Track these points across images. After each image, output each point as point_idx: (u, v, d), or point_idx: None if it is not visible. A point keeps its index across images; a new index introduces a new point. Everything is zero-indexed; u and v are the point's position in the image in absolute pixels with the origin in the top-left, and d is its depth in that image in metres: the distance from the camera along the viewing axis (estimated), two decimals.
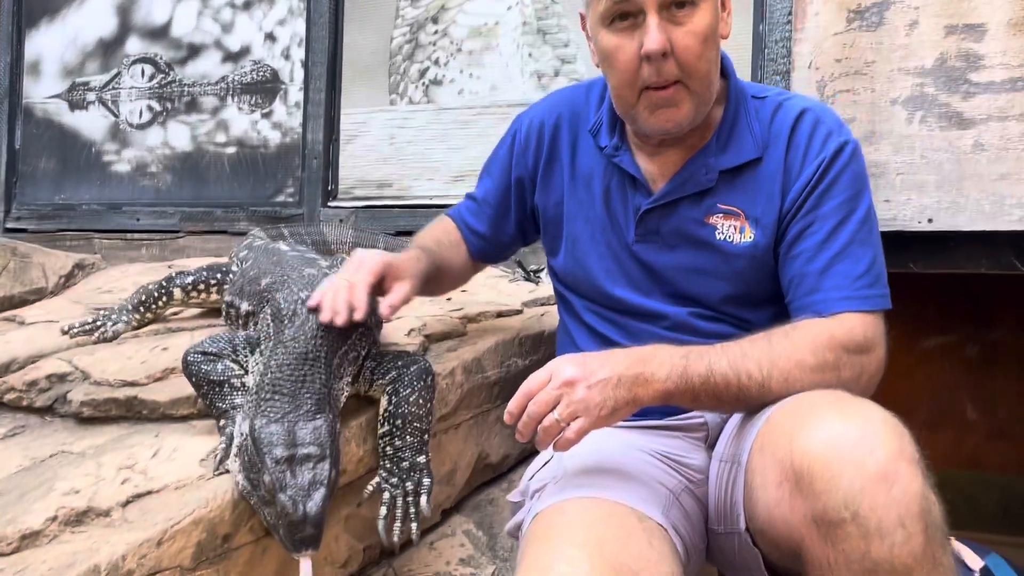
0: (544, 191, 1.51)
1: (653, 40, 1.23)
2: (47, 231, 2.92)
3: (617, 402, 1.17)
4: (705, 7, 1.25)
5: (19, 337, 1.82)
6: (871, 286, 1.27)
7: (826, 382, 1.21)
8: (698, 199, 1.36)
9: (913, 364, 3.11)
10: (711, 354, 1.22)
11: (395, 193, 2.48)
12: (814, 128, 1.34)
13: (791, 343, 1.22)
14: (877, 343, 1.26)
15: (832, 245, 1.29)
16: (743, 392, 1.21)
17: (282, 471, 1.12)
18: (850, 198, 1.31)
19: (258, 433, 1.15)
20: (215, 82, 2.73)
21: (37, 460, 1.33)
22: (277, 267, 1.51)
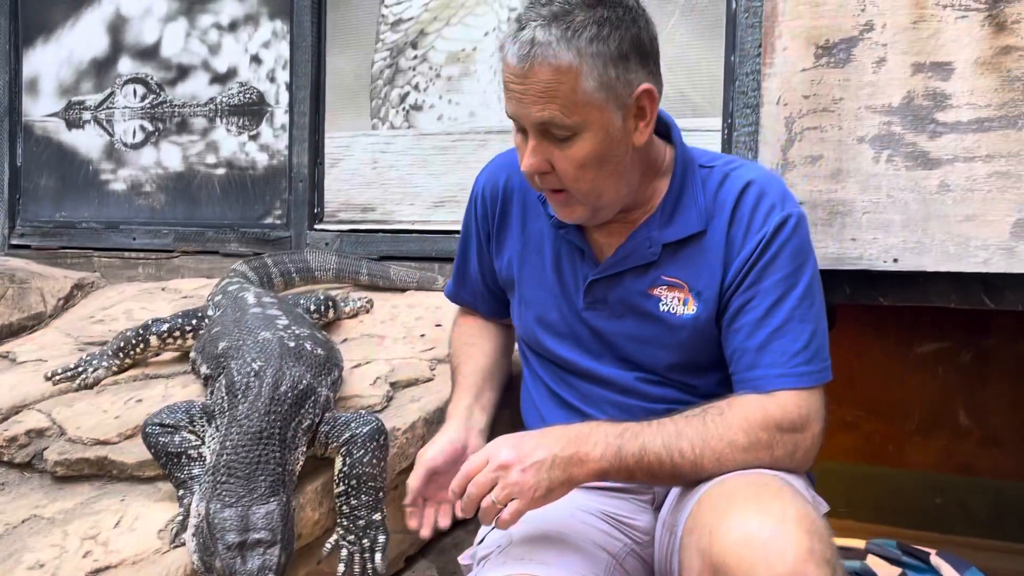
0: (499, 253, 1.54)
1: (524, 162, 1.28)
2: (49, 248, 3.00)
3: (552, 483, 1.21)
4: (587, 137, 1.25)
5: (6, 382, 1.89)
6: (808, 362, 1.29)
7: (758, 461, 1.24)
8: (643, 271, 1.38)
9: (906, 370, 3.11)
10: (646, 433, 1.25)
11: (378, 217, 2.52)
12: (758, 201, 1.34)
13: (724, 423, 1.25)
14: (812, 420, 1.28)
15: (770, 322, 1.30)
16: (676, 470, 1.24)
17: (232, 557, 1.17)
18: (791, 273, 1.32)
19: (212, 518, 1.20)
20: (204, 103, 2.77)
21: (10, 527, 1.40)
22: (236, 328, 1.55)
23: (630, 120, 1.27)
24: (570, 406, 1.45)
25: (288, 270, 2.27)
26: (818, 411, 1.29)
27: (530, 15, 1.22)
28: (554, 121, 1.23)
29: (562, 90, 1.21)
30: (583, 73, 1.20)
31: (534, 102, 1.22)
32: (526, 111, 1.24)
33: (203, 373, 1.54)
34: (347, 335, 2.04)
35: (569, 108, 1.22)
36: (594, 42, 1.20)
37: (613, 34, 1.21)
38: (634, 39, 1.24)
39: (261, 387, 1.34)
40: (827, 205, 1.90)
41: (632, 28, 1.23)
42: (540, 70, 1.20)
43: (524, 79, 1.22)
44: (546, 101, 1.21)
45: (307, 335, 1.55)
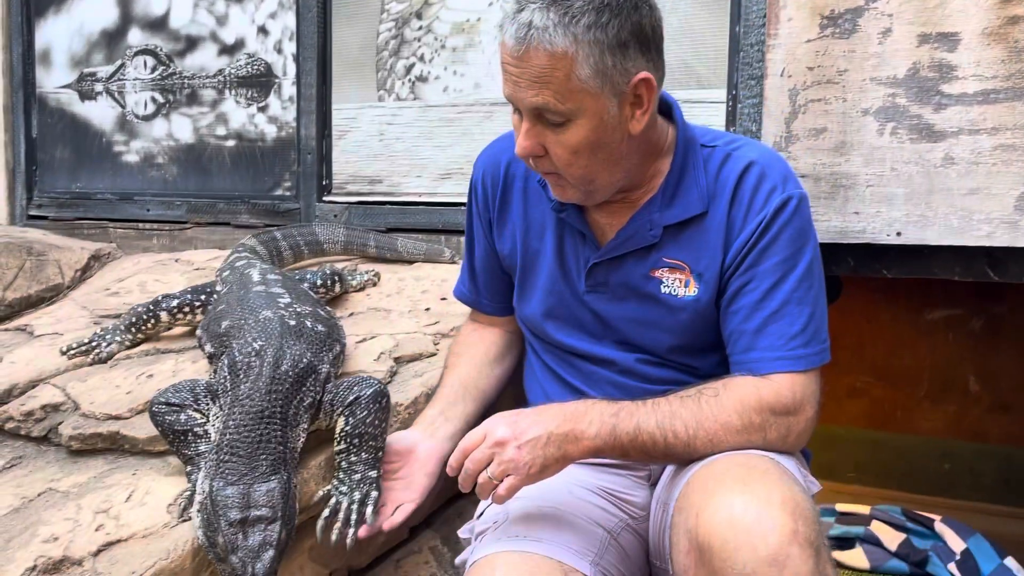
0: (500, 238, 1.55)
1: (518, 145, 1.28)
2: (66, 219, 3.04)
3: (547, 460, 1.24)
4: (581, 123, 1.24)
5: (23, 356, 1.94)
6: (806, 345, 1.30)
7: (751, 443, 1.26)
8: (644, 253, 1.39)
9: (916, 337, 3.11)
10: (641, 412, 1.27)
11: (386, 189, 2.53)
12: (759, 182, 1.34)
13: (719, 404, 1.27)
14: (806, 403, 1.29)
15: (768, 304, 1.31)
16: (670, 449, 1.27)
17: (234, 533, 1.21)
18: (790, 256, 1.32)
19: (215, 495, 1.24)
20: (213, 75, 2.78)
21: (26, 500, 1.45)
22: (239, 307, 1.58)
23: (626, 108, 1.27)
24: (571, 386, 1.48)
25: (297, 243, 2.30)
26: (813, 394, 1.30)
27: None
28: (548, 107, 1.23)
29: (557, 76, 1.20)
30: (579, 60, 1.20)
31: (529, 86, 1.22)
32: (521, 94, 1.24)
33: (207, 352, 1.58)
34: (354, 309, 2.08)
35: (563, 95, 1.22)
36: (592, 29, 1.19)
37: (612, 21, 1.20)
38: (635, 27, 1.22)
39: (262, 367, 1.37)
40: (830, 178, 1.89)
41: (633, 15, 1.22)
42: (535, 55, 1.20)
43: (519, 62, 1.22)
44: (540, 86, 1.21)
45: (309, 312, 1.58)
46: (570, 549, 1.29)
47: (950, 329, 3.07)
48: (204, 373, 1.68)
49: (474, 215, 1.59)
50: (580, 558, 1.28)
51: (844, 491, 3.11)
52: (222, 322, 1.55)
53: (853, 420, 3.21)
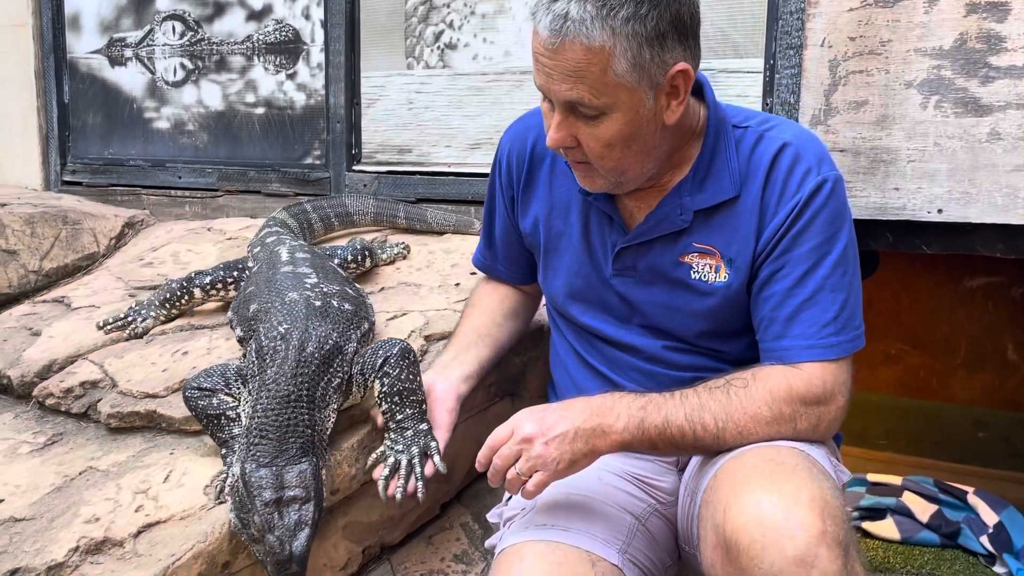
0: (524, 215, 1.53)
1: (549, 137, 1.25)
2: (100, 185, 3.07)
3: (575, 455, 1.24)
4: (616, 117, 1.21)
5: (62, 331, 1.98)
6: (838, 333, 1.28)
7: (780, 434, 1.25)
8: (674, 238, 1.37)
9: (955, 304, 3.05)
10: (669, 405, 1.26)
11: (415, 159, 2.51)
12: (793, 165, 1.31)
13: (748, 395, 1.25)
14: (837, 392, 1.28)
15: (801, 291, 1.29)
16: (699, 442, 1.26)
17: (270, 513, 1.24)
18: (824, 241, 1.29)
19: (248, 477, 1.26)
20: (241, 41, 2.76)
21: (68, 479, 1.49)
22: (266, 289, 1.59)
23: (662, 99, 1.23)
24: (598, 372, 1.47)
25: (327, 215, 2.30)
26: (844, 383, 1.29)
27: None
28: (582, 101, 1.20)
29: (593, 71, 1.17)
30: (616, 54, 1.16)
31: (563, 80, 1.19)
32: (554, 87, 1.21)
33: (237, 335, 1.59)
34: (384, 283, 2.08)
35: (598, 90, 1.19)
36: (630, 22, 1.15)
37: (652, 12, 1.16)
38: (674, 16, 1.18)
39: (287, 350, 1.38)
40: (870, 153, 1.84)
41: (673, 5, 1.17)
42: (571, 48, 1.16)
43: (554, 55, 1.18)
44: (575, 80, 1.18)
45: (336, 291, 1.58)
46: (597, 538, 1.30)
47: (989, 297, 3.01)
48: (237, 351, 1.69)
49: (496, 189, 1.58)
50: (608, 547, 1.29)
51: (875, 458, 3.09)
52: (250, 305, 1.56)
53: (887, 387, 3.18)
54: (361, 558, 1.57)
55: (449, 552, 1.65)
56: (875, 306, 3.14)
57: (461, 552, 1.65)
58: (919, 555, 2.38)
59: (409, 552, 1.64)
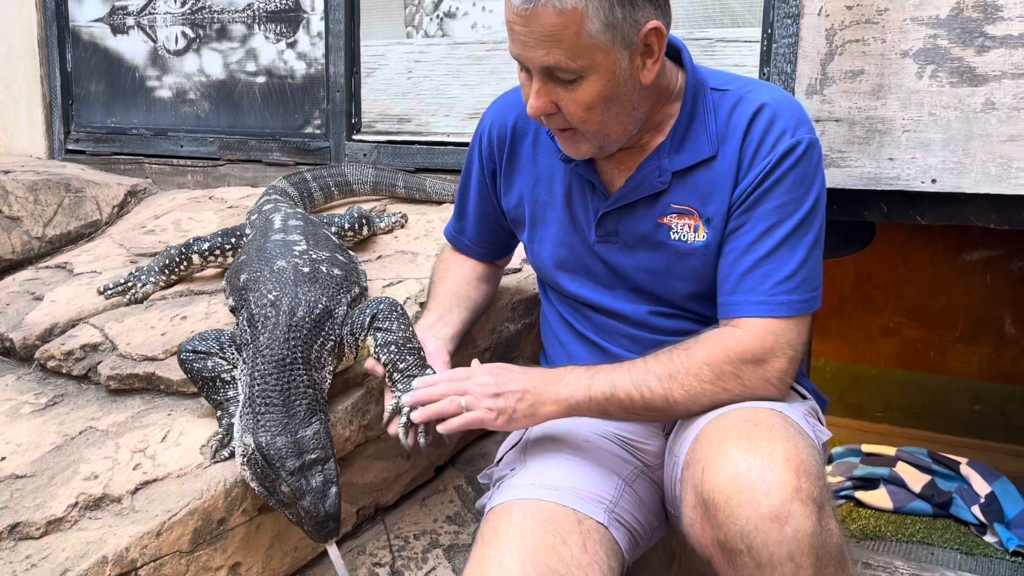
0: (508, 191, 1.55)
1: (529, 105, 1.27)
2: (103, 154, 3.09)
3: (516, 412, 1.30)
4: (593, 79, 1.23)
5: (63, 295, 2.00)
6: (791, 291, 1.30)
7: (728, 390, 1.29)
8: (653, 200, 1.39)
9: (953, 277, 3.06)
10: (616, 372, 1.31)
11: (414, 128, 2.52)
12: (769, 125, 1.32)
13: (689, 357, 1.29)
14: (778, 350, 1.29)
15: (759, 248, 1.31)
16: (649, 404, 1.30)
17: (298, 480, 1.27)
18: (790, 201, 1.31)
19: (267, 449, 1.28)
20: (242, 9, 2.76)
21: (68, 437, 1.52)
22: (257, 258, 1.60)
23: (637, 59, 1.25)
24: (587, 339, 1.49)
25: (327, 184, 2.31)
26: (789, 342, 1.30)
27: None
28: (558, 66, 1.22)
29: (567, 35, 1.19)
30: (588, 15, 1.18)
31: (538, 46, 1.21)
32: (530, 54, 1.23)
33: (229, 304, 1.61)
34: (382, 251, 2.10)
35: (574, 52, 1.20)
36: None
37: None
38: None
39: (278, 316, 1.40)
40: (866, 123, 1.84)
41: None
42: (544, 13, 1.18)
43: (528, 21, 1.20)
44: (551, 45, 1.20)
45: (325, 257, 1.60)
46: (584, 497, 1.32)
47: (988, 270, 3.02)
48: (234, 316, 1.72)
49: (475, 163, 1.59)
50: (595, 505, 1.32)
51: (872, 430, 3.12)
52: (241, 275, 1.58)
53: (885, 360, 3.20)
54: (355, 518, 1.60)
55: (442, 513, 1.68)
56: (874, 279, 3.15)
57: (454, 514, 1.68)
58: (911, 524, 2.42)
59: (403, 513, 1.67)
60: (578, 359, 1.52)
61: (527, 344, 1.92)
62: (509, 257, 1.75)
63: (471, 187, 1.62)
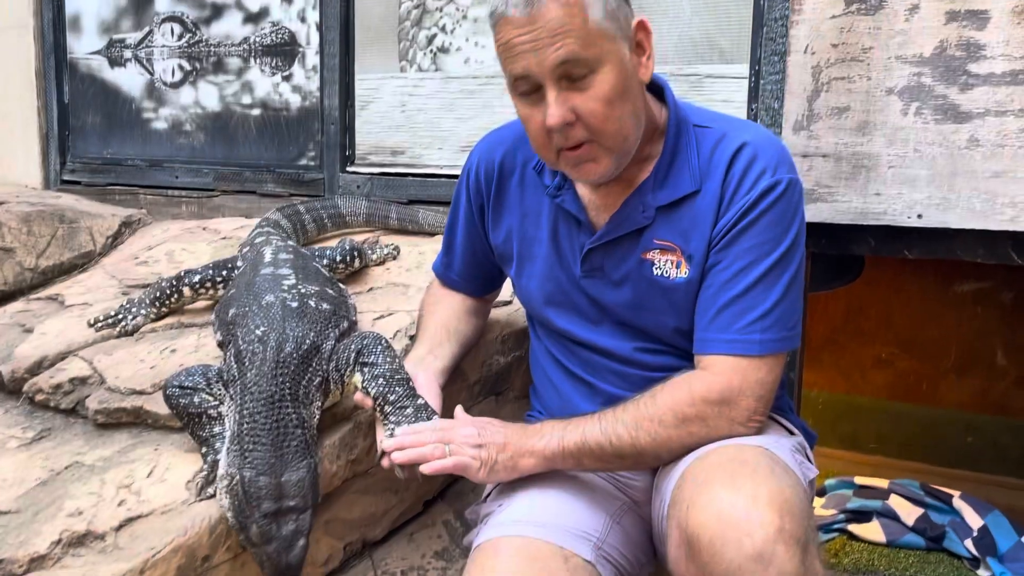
0: (496, 227, 1.56)
1: (551, 116, 1.25)
2: (98, 184, 3.10)
3: (497, 464, 1.32)
4: (607, 70, 1.24)
5: (54, 328, 2.01)
6: (765, 330, 1.30)
7: (693, 434, 1.29)
8: (637, 236, 1.40)
9: (944, 308, 3.07)
10: (587, 423, 1.32)
11: (407, 161, 2.54)
12: (750, 164, 1.33)
13: (655, 403, 1.30)
14: (747, 390, 1.29)
15: (735, 285, 1.32)
16: (619, 452, 1.30)
17: (268, 524, 1.28)
18: (767, 241, 1.32)
19: (248, 486, 1.28)
20: (238, 43, 2.79)
21: (54, 472, 1.52)
22: (245, 292, 1.60)
23: (633, 54, 1.29)
24: (574, 375, 1.50)
25: (320, 216, 2.32)
26: (758, 382, 1.30)
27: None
28: (573, 57, 1.21)
29: (575, 23, 1.21)
30: (590, 3, 1.22)
31: (549, 43, 1.21)
32: (541, 58, 1.22)
33: (217, 339, 1.61)
34: (373, 283, 2.10)
35: (585, 40, 1.22)
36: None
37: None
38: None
39: (266, 352, 1.41)
40: (852, 158, 1.86)
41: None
42: (548, 9, 1.20)
43: (532, 24, 1.21)
44: (562, 38, 1.20)
45: (314, 292, 1.60)
46: (571, 534, 1.32)
47: (979, 302, 3.02)
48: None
49: (463, 199, 1.60)
50: (582, 542, 1.31)
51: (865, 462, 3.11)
52: (230, 310, 1.58)
53: (877, 391, 3.20)
54: (342, 554, 1.59)
55: (430, 549, 1.67)
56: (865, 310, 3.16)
57: (442, 549, 1.68)
58: (904, 558, 2.40)
59: (390, 549, 1.66)
60: (566, 396, 1.52)
61: (517, 377, 1.92)
62: (497, 292, 1.76)
63: (459, 223, 1.63)
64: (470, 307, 1.68)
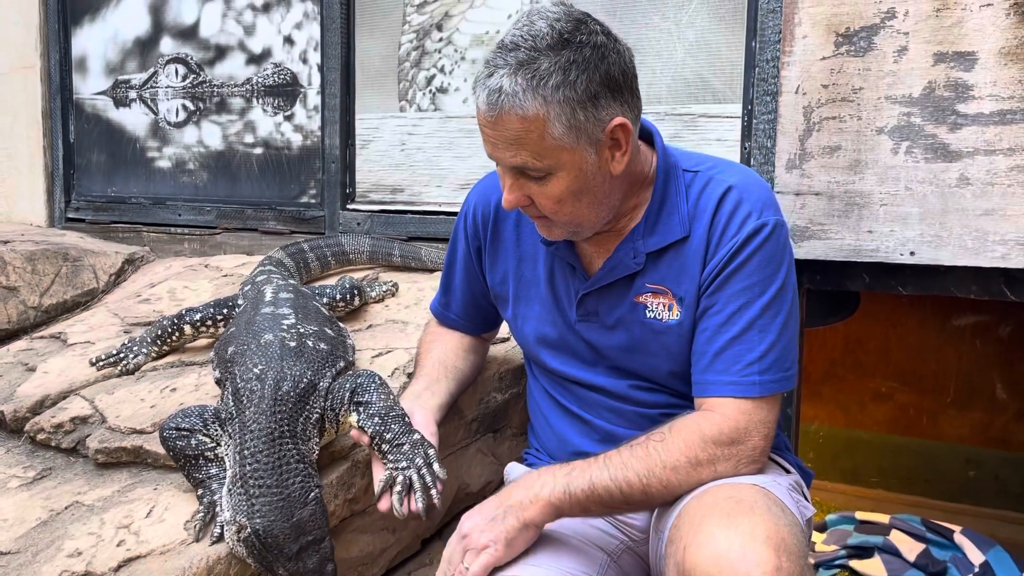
0: (492, 268, 1.58)
1: (505, 200, 1.31)
2: (102, 222, 3.14)
3: (508, 532, 1.28)
4: (562, 175, 1.27)
5: (56, 366, 2.02)
6: (763, 372, 1.31)
7: (702, 478, 1.28)
8: (629, 281, 1.42)
9: (943, 342, 3.08)
10: (593, 468, 1.30)
11: (407, 199, 2.57)
12: (736, 207, 1.35)
13: (666, 449, 1.29)
14: (752, 431, 1.30)
15: (730, 329, 1.33)
16: (628, 499, 1.29)
17: (295, 564, 1.30)
18: (757, 283, 1.33)
19: (264, 537, 1.30)
20: (241, 83, 2.84)
21: (54, 513, 1.53)
22: (245, 330, 1.62)
23: (605, 152, 1.29)
24: (571, 412, 1.51)
25: (324, 255, 2.35)
26: (762, 421, 1.31)
27: (498, 61, 1.24)
28: (526, 166, 1.26)
29: (531, 138, 1.23)
30: (551, 120, 1.22)
31: (506, 148, 1.26)
32: (499, 155, 1.28)
33: (215, 376, 1.63)
34: (372, 321, 2.12)
35: (539, 154, 1.25)
36: (560, 88, 1.21)
37: (580, 77, 1.22)
38: (604, 77, 1.24)
39: (263, 390, 1.42)
40: (844, 196, 1.88)
41: (601, 66, 1.24)
42: (508, 119, 1.23)
43: (494, 126, 1.25)
44: (517, 148, 1.25)
45: (313, 332, 1.62)
46: (569, 572, 1.32)
47: (977, 336, 3.03)
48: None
49: (460, 241, 1.63)
50: None
51: (866, 496, 3.10)
52: (228, 348, 1.60)
53: (877, 425, 3.20)
54: None
55: None
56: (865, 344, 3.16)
57: None
58: None
59: None
60: (562, 433, 1.53)
61: (514, 414, 1.93)
62: (495, 331, 1.77)
63: (457, 263, 1.65)
64: (467, 345, 1.70)
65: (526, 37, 1.23)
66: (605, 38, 1.26)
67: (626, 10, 2.19)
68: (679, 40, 2.13)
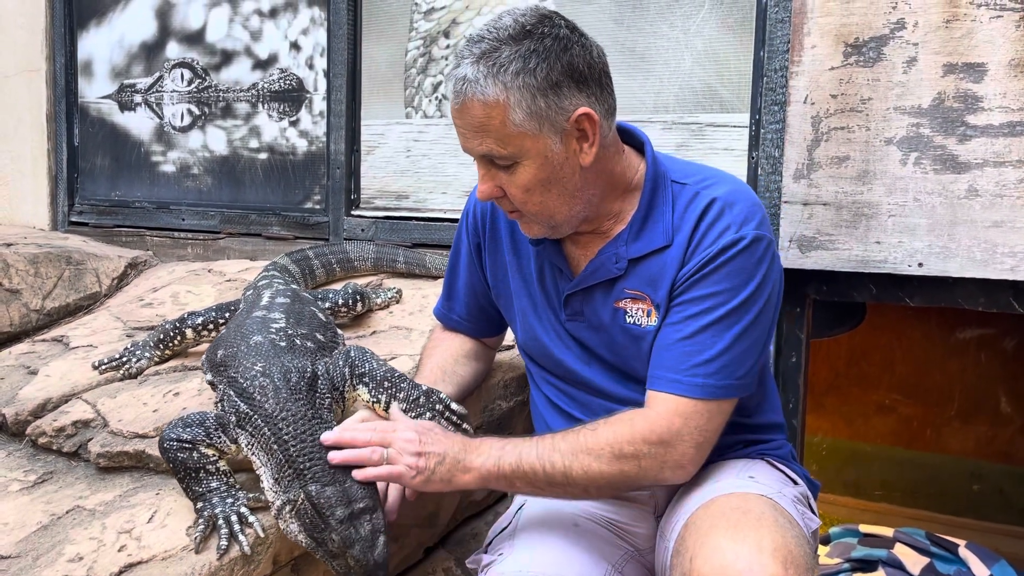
0: (492, 268, 1.59)
1: (479, 190, 1.36)
2: (105, 226, 3.13)
3: (433, 475, 1.31)
4: (527, 164, 1.30)
5: (58, 370, 2.01)
6: (709, 375, 1.31)
7: (625, 472, 1.30)
8: (610, 285, 1.43)
9: (947, 355, 3.07)
10: (525, 446, 1.33)
11: (412, 205, 2.57)
12: (716, 220, 1.36)
13: (595, 436, 1.31)
14: (684, 434, 1.30)
15: (684, 328, 1.34)
16: (550, 479, 1.31)
17: (347, 529, 1.30)
18: (725, 291, 1.33)
19: (316, 498, 1.31)
20: (247, 88, 2.83)
21: (55, 517, 1.51)
22: (234, 334, 1.62)
23: (572, 143, 1.31)
24: (572, 418, 1.50)
25: (329, 261, 2.34)
26: (697, 428, 1.30)
27: (464, 53, 1.29)
28: (492, 153, 1.29)
29: (493, 124, 1.26)
30: (511, 105, 1.25)
31: (473, 136, 1.29)
32: (468, 144, 1.32)
33: (207, 380, 1.62)
34: (376, 327, 2.11)
35: (503, 140, 1.27)
36: (520, 75, 1.25)
37: (540, 66, 1.25)
38: (566, 67, 1.27)
39: (275, 383, 1.43)
40: (852, 207, 1.88)
41: (564, 56, 1.27)
42: (472, 106, 1.26)
43: (461, 114, 1.29)
44: (482, 135, 1.28)
45: (303, 334, 1.62)
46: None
47: (982, 349, 3.02)
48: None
49: (463, 240, 1.64)
50: None
51: (870, 509, 3.09)
52: (219, 351, 1.59)
53: (881, 438, 3.19)
54: None
55: None
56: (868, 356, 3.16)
57: None
58: None
59: None
60: None
61: (519, 421, 1.92)
62: (500, 337, 1.77)
63: (460, 263, 1.66)
64: (469, 350, 1.69)
65: (491, 30, 1.28)
66: (569, 32, 1.29)
67: (634, 19, 2.19)
68: (687, 49, 2.13)
